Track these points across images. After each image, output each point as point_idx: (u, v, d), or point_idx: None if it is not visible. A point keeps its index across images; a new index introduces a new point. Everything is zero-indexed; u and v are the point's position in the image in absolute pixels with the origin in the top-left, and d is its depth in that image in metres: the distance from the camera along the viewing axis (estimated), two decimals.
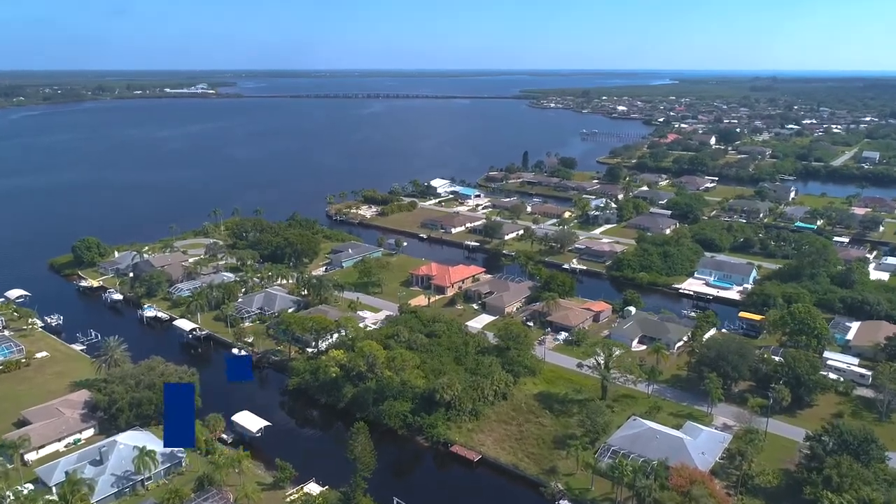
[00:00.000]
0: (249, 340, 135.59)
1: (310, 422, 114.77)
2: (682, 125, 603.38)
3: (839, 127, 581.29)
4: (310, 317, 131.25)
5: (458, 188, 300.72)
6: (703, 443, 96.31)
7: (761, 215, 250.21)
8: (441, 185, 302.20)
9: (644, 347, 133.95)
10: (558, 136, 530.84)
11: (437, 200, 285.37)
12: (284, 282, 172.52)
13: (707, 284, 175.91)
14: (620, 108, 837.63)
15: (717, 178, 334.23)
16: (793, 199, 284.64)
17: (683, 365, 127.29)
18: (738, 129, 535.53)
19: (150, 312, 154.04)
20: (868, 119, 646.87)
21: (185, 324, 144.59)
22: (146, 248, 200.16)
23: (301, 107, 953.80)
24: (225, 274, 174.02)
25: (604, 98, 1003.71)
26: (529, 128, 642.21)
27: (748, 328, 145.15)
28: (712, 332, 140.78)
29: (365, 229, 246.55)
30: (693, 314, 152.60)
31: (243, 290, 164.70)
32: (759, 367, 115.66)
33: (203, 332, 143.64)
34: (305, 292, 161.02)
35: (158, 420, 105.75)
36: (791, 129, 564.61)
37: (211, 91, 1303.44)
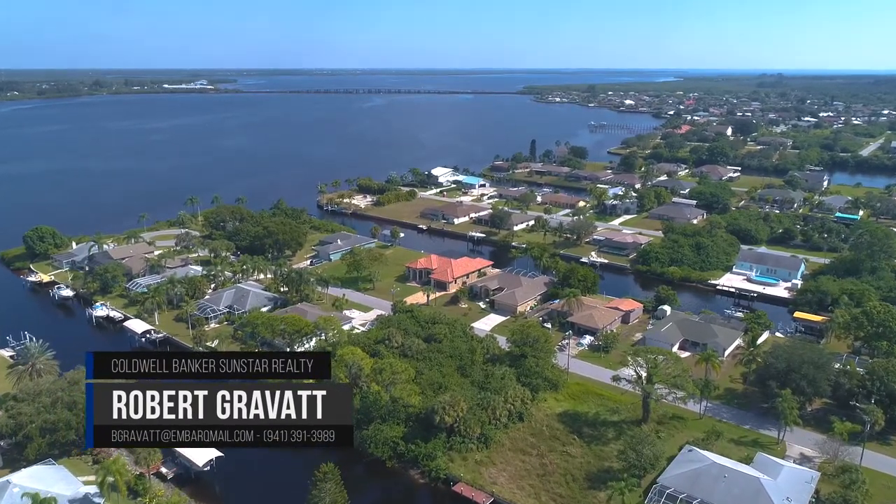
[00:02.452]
0: (212, 344, 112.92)
1: (274, 452, 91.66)
2: (695, 117, 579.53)
3: (858, 119, 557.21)
4: (281, 317, 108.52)
5: (461, 177, 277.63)
6: (785, 483, 73.20)
7: (795, 205, 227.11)
8: (443, 173, 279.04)
9: (687, 354, 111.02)
10: (565, 128, 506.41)
11: (438, 190, 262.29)
12: (262, 276, 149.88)
13: (748, 280, 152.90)
14: (628, 101, 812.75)
15: (739, 168, 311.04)
16: (826, 188, 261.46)
17: (738, 376, 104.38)
18: (753, 121, 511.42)
19: (100, 311, 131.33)
20: (887, 112, 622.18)
21: (137, 325, 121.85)
22: (111, 239, 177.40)
23: (300, 101, 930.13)
24: (193, 267, 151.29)
25: (610, 93, 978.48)
26: (535, 120, 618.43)
27: (807, 331, 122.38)
28: (765, 335, 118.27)
29: (359, 220, 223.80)
30: (739, 314, 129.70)
31: (212, 285, 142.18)
32: (841, 382, 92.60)
33: (159, 335, 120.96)
34: (285, 288, 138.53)
35: (83, 448, 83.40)
36: (808, 121, 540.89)
37: (210, 87, 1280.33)
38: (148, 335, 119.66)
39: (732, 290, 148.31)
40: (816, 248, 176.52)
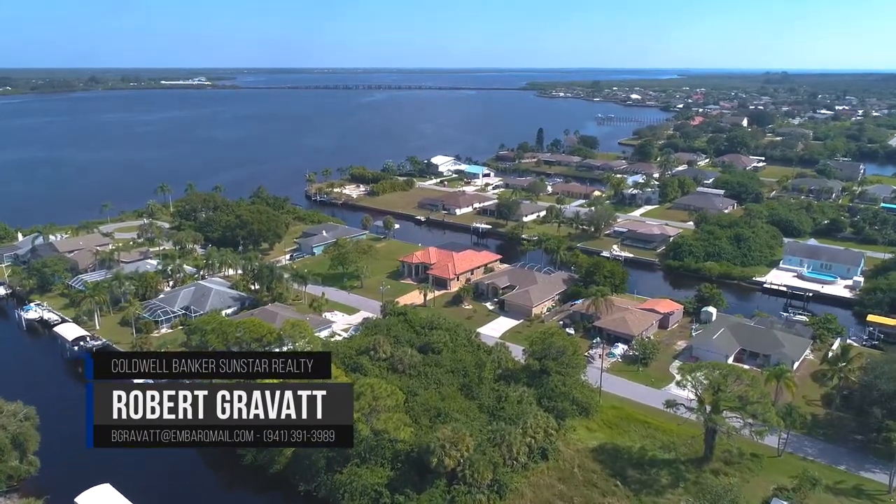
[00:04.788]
0: None
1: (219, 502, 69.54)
2: (707, 109, 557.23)
3: (877, 112, 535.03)
4: (237, 322, 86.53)
5: (464, 166, 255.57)
6: None
7: (834, 195, 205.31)
8: (444, 162, 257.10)
9: (746, 368, 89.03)
10: (571, 121, 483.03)
11: (438, 180, 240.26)
12: (231, 272, 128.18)
13: (800, 277, 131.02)
14: (634, 96, 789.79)
15: (763, 158, 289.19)
16: (862, 178, 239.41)
17: (817, 398, 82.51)
18: (769, 113, 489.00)
19: (31, 313, 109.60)
20: None
21: (69, 330, 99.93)
22: (65, 230, 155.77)
23: (298, 96, 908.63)
24: (149, 262, 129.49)
25: (615, 88, 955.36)
26: (539, 114, 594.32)
27: (887, 338, 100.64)
28: (836, 343, 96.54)
29: (350, 211, 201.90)
30: (803, 317, 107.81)
31: (170, 282, 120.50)
32: None
33: (97, 342, 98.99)
34: (255, 286, 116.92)
35: None
36: (824, 113, 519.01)
37: (208, 83, 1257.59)
38: (82, 342, 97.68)
39: (783, 288, 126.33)
40: (870, 240, 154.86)
